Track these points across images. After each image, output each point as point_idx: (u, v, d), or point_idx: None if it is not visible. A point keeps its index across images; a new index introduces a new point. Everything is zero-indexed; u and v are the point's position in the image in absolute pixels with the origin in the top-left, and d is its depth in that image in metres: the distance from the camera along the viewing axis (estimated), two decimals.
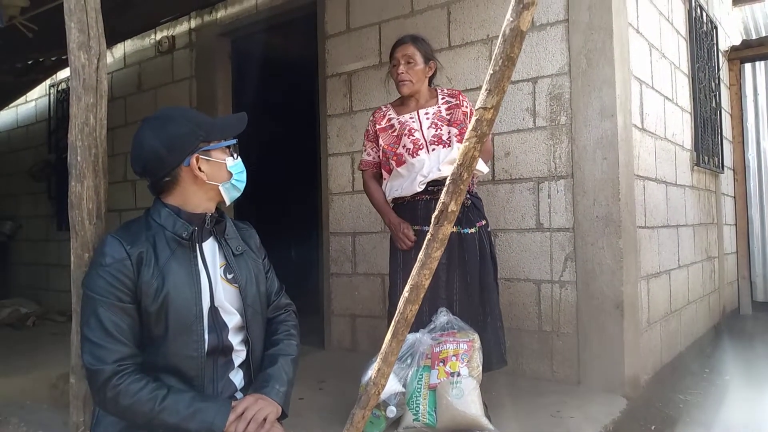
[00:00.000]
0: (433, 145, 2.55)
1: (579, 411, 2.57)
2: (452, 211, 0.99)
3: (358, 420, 1.21)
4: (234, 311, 1.62)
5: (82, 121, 1.59)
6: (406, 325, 1.09)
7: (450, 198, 0.99)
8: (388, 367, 1.14)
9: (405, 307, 1.06)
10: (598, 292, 2.85)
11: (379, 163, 2.70)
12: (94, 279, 1.47)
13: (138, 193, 5.22)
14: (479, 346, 2.38)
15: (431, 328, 2.48)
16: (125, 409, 1.42)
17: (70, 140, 1.60)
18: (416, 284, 1.05)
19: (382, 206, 2.68)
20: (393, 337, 1.10)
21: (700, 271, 4.25)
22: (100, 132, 1.63)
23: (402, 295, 1.08)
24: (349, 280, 3.80)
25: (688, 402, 3.08)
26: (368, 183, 2.75)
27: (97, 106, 1.61)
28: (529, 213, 3.10)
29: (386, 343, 1.12)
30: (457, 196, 1.00)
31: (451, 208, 0.99)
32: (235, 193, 1.67)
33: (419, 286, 1.06)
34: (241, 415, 1.47)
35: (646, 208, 3.21)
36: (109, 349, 1.43)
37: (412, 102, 2.64)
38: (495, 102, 0.96)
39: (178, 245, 1.56)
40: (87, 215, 1.60)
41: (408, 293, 1.06)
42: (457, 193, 0.99)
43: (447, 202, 0.99)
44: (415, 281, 1.05)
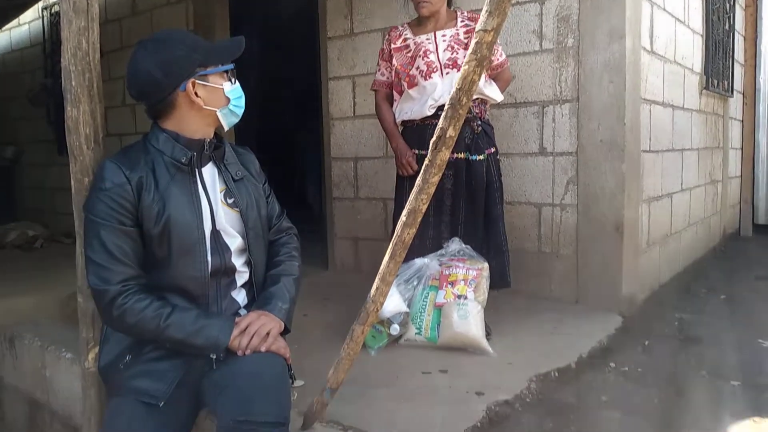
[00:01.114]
0: (447, 69, 2.48)
1: (575, 328, 2.65)
2: (450, 137, 0.98)
3: (357, 335, 1.25)
4: (236, 234, 1.64)
5: (74, 45, 1.55)
6: (403, 247, 1.11)
7: (448, 123, 0.98)
8: (386, 286, 1.17)
9: (402, 230, 1.08)
10: (599, 215, 2.87)
11: (392, 84, 2.65)
12: (94, 203, 1.49)
13: (138, 117, 5.17)
14: (487, 275, 2.43)
15: (441, 254, 2.52)
16: (131, 327, 1.47)
17: (63, 65, 1.57)
18: (413, 209, 1.06)
19: (391, 129, 2.65)
20: (391, 259, 1.12)
21: (702, 194, 4.25)
22: (93, 56, 1.59)
23: (399, 219, 1.09)
24: (351, 205, 3.83)
25: (683, 320, 3.15)
26: (380, 104, 2.70)
27: (88, 29, 1.57)
28: (532, 137, 3.08)
29: (384, 264, 1.14)
30: (455, 122, 0.98)
31: (450, 133, 0.98)
32: (234, 118, 1.66)
33: (416, 211, 1.06)
34: (244, 330, 1.52)
35: (651, 132, 3.17)
36: (113, 270, 1.46)
37: (430, 23, 2.55)
38: (495, 24, 0.93)
39: (177, 170, 1.56)
40: (84, 140, 1.59)
41: (405, 217, 1.07)
42: (456, 118, 0.98)
43: (445, 127, 0.98)
44: (413, 206, 1.05)
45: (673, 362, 2.53)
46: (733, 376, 2.38)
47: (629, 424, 1.96)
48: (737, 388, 2.28)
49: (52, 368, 2.16)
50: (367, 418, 1.75)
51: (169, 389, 1.46)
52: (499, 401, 1.91)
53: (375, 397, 1.92)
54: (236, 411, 1.29)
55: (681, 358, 2.57)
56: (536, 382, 2.09)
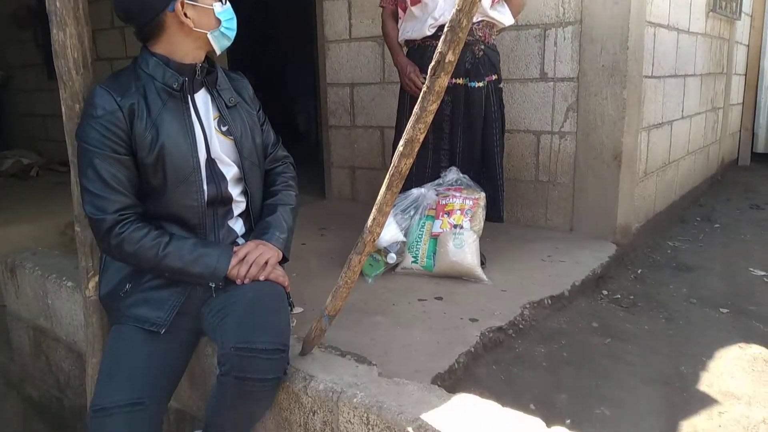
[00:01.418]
0: None
1: (569, 256, 2.68)
2: (449, 62, 0.94)
3: (354, 264, 1.26)
4: (231, 163, 1.63)
5: None
6: (400, 178, 1.10)
7: (448, 47, 0.94)
8: (383, 217, 1.16)
9: (399, 160, 1.06)
10: (598, 143, 2.84)
11: (398, 1, 2.54)
12: (86, 131, 1.46)
13: (128, 41, 5.01)
14: (484, 204, 2.42)
15: (438, 183, 2.50)
16: (130, 256, 1.48)
17: None
18: (411, 138, 1.03)
19: (393, 47, 2.56)
20: (387, 189, 1.11)
21: (703, 121, 4.20)
22: None
23: (396, 149, 1.07)
24: (348, 133, 3.78)
25: (676, 248, 3.19)
26: (385, 21, 2.61)
27: None
28: (533, 62, 3.00)
29: (381, 194, 1.13)
30: (455, 45, 0.94)
31: (449, 58, 0.94)
32: (225, 41, 1.61)
33: (414, 140, 1.04)
34: (242, 259, 1.54)
35: (654, 57, 3.09)
36: (109, 199, 1.45)
37: None
38: None
39: (169, 96, 1.53)
40: (73, 65, 1.55)
41: (402, 147, 1.05)
42: (456, 41, 0.94)
43: (444, 51, 0.94)
44: (410, 135, 1.03)
45: (665, 290, 2.57)
46: (723, 304, 2.44)
47: (618, 349, 2.02)
48: (726, 316, 2.33)
49: (54, 296, 2.19)
50: (364, 344, 1.79)
51: (169, 317, 1.49)
52: (492, 327, 1.95)
53: (371, 323, 1.96)
54: (236, 338, 1.32)
55: (672, 286, 2.62)
56: (529, 309, 2.13)
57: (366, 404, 1.28)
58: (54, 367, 2.34)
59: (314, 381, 1.40)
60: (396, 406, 1.25)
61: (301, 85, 6.49)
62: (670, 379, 1.86)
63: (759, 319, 2.31)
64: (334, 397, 1.33)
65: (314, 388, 1.38)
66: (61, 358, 2.28)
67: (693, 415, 1.70)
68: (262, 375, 1.31)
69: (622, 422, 1.63)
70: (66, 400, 2.34)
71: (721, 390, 1.82)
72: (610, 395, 1.75)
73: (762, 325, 2.27)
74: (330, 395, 1.35)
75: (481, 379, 1.77)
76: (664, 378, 1.87)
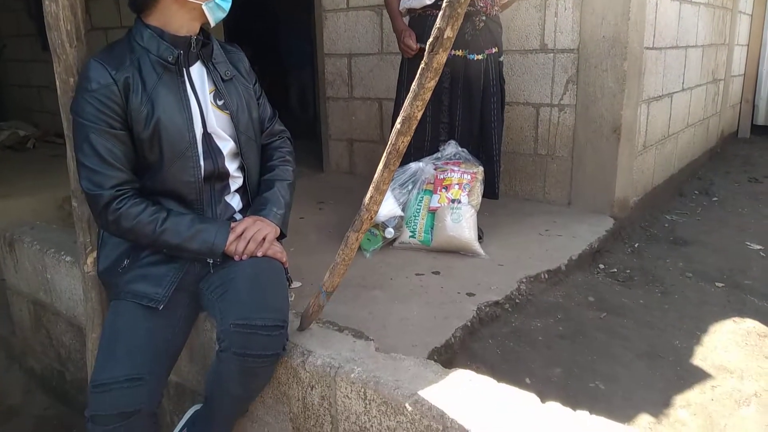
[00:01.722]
0: None
1: (567, 230, 2.68)
2: (448, 38, 0.93)
3: (352, 242, 1.26)
4: (227, 137, 1.62)
5: None
6: (397, 156, 1.09)
7: (446, 23, 0.92)
8: (380, 195, 1.16)
9: (397, 138, 1.05)
10: (597, 116, 2.82)
11: None
12: (81, 105, 1.45)
13: (123, 9, 4.92)
14: (482, 179, 2.42)
15: (436, 157, 2.49)
16: (127, 231, 1.48)
17: None
18: (408, 115, 1.02)
19: (393, 12, 2.52)
20: (385, 167, 1.11)
21: (703, 93, 4.16)
22: None
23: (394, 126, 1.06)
24: (345, 105, 3.74)
25: (674, 222, 3.20)
26: None
27: None
28: (534, 33, 2.96)
29: (378, 172, 1.13)
30: (453, 21, 0.93)
31: (447, 34, 0.92)
32: (220, 13, 1.58)
33: (411, 117, 1.03)
34: (240, 235, 1.54)
35: (656, 28, 3.05)
36: (105, 174, 1.45)
37: None
38: None
39: (164, 70, 1.51)
40: (66, 37, 1.52)
41: (400, 125, 1.03)
42: (454, 17, 0.92)
43: (443, 27, 0.92)
44: (408, 112, 1.02)
45: (661, 264, 2.58)
46: (718, 278, 2.45)
47: (613, 324, 2.04)
48: (721, 290, 2.35)
49: (53, 271, 2.20)
50: (361, 318, 1.81)
51: (168, 293, 1.49)
52: (489, 302, 1.96)
53: (369, 297, 1.97)
54: (235, 315, 1.32)
55: (669, 260, 2.63)
56: (526, 284, 2.14)
57: (363, 379, 1.29)
58: (55, 341, 2.36)
59: (312, 356, 1.41)
60: (393, 381, 1.27)
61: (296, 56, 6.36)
62: (664, 353, 1.88)
63: (754, 294, 2.32)
64: (332, 372, 1.35)
65: (312, 363, 1.40)
66: (61, 332, 2.30)
67: (686, 389, 1.72)
68: (262, 351, 1.33)
69: (616, 396, 1.66)
70: (67, 373, 2.36)
71: (714, 364, 1.84)
72: (605, 370, 1.78)
73: (757, 299, 2.29)
74: (328, 370, 1.36)
75: (478, 353, 1.79)
76: (659, 352, 1.89)
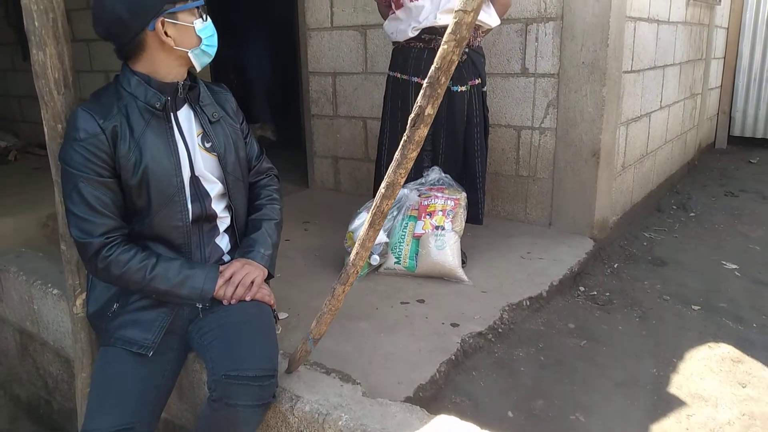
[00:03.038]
0: None
1: (548, 253, 2.74)
2: (429, 115, 0.97)
3: (338, 294, 1.29)
4: (215, 180, 1.64)
5: None
6: (382, 217, 1.13)
7: (427, 102, 0.96)
8: (365, 251, 1.20)
9: (381, 201, 1.09)
10: (577, 140, 2.88)
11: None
12: (70, 154, 1.46)
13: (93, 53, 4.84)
14: (465, 204, 2.46)
15: (420, 182, 2.53)
16: (117, 278, 1.50)
17: (23, 3, 1.49)
18: (392, 182, 1.06)
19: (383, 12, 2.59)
20: (370, 227, 1.14)
21: (681, 109, 4.25)
22: None
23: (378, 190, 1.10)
24: (330, 122, 3.77)
25: (652, 239, 3.27)
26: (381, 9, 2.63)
27: None
28: (515, 57, 3.01)
29: (363, 231, 1.16)
30: (434, 100, 0.97)
31: (428, 111, 0.97)
32: (206, 58, 1.60)
33: (395, 184, 1.07)
34: (229, 279, 1.57)
35: (634, 51, 3.12)
36: (94, 222, 1.47)
37: None
38: (476, 5, 0.90)
39: (152, 116, 1.53)
40: (54, 85, 1.54)
41: (384, 189, 1.08)
42: (434, 96, 0.97)
43: (423, 105, 0.97)
44: (391, 179, 1.06)
45: (639, 287, 2.65)
46: (695, 301, 2.53)
47: (593, 352, 2.10)
48: (697, 313, 2.42)
49: (40, 302, 2.21)
50: (347, 353, 1.84)
51: (157, 338, 1.52)
52: (473, 333, 2.01)
53: (355, 330, 2.01)
54: (226, 366, 1.35)
55: (647, 282, 2.70)
56: (508, 312, 2.19)
57: (351, 427, 1.33)
58: (42, 371, 2.37)
59: (300, 402, 1.45)
60: (379, 429, 1.31)
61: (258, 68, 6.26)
62: (641, 382, 1.95)
63: (728, 317, 2.40)
64: (320, 419, 1.38)
65: (300, 409, 1.43)
66: (48, 362, 2.31)
67: (663, 418, 1.79)
68: (253, 402, 1.36)
69: (596, 428, 1.71)
70: (54, 402, 2.37)
71: (690, 392, 1.91)
72: (585, 400, 1.83)
73: (731, 322, 2.36)
74: (316, 417, 1.40)
75: (462, 386, 1.84)
76: (637, 380, 1.95)
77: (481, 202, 2.60)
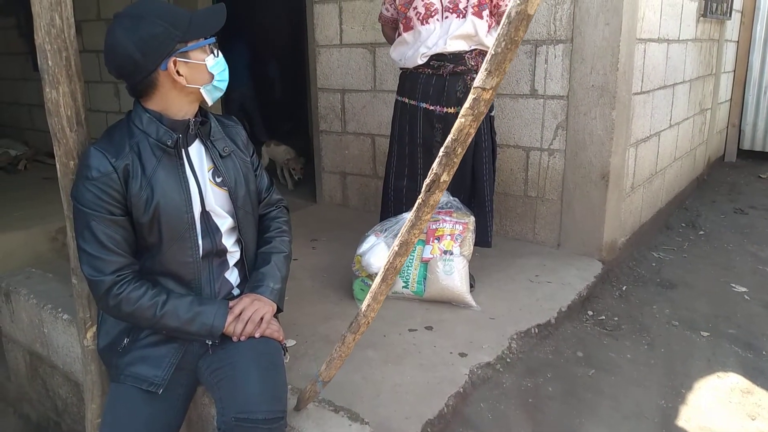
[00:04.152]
0: (447, 12, 2.36)
1: (556, 275, 2.73)
2: (444, 182, 0.98)
3: (349, 342, 1.30)
4: (225, 214, 1.65)
5: (48, 22, 1.47)
6: (394, 272, 1.14)
7: (442, 170, 0.98)
8: (378, 304, 1.21)
9: (395, 258, 1.10)
10: (586, 162, 2.88)
11: (397, 20, 2.55)
12: (82, 192, 1.47)
13: None
14: (473, 228, 2.46)
15: None
16: (128, 315, 1.51)
17: (37, 43, 1.50)
18: (405, 241, 1.08)
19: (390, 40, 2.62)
20: (383, 281, 1.15)
21: (690, 126, 4.24)
22: (68, 32, 1.51)
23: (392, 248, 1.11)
24: (339, 139, 3.78)
25: (661, 260, 3.26)
26: (386, 32, 2.67)
27: (61, 4, 1.48)
28: (524, 78, 3.01)
29: (376, 284, 1.17)
30: (449, 168, 0.98)
31: (443, 178, 0.98)
32: (218, 93, 1.61)
33: (408, 243, 1.08)
34: (238, 315, 1.58)
35: (644, 72, 3.11)
36: (106, 260, 1.48)
37: None
38: (494, 84, 0.91)
39: (163, 153, 1.54)
40: (66, 123, 1.55)
41: (398, 248, 1.09)
42: (450, 165, 0.98)
43: (439, 173, 0.98)
44: (405, 238, 1.07)
45: (648, 311, 2.64)
46: (704, 327, 2.52)
47: (601, 382, 2.09)
48: (706, 340, 2.41)
49: (50, 326, 2.22)
50: (355, 384, 1.85)
51: (167, 375, 1.53)
52: (481, 363, 2.01)
53: (363, 359, 2.01)
54: (236, 408, 1.36)
55: (655, 306, 2.69)
56: (517, 340, 2.19)
57: None
58: (51, 392, 2.39)
59: None
60: None
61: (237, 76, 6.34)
62: (650, 414, 1.94)
63: (737, 343, 2.39)
64: None
65: None
66: (58, 384, 2.32)
67: None
68: None
69: None
70: (63, 424, 2.39)
71: (698, 425, 1.90)
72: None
73: (740, 350, 2.35)
74: None
75: (470, 418, 1.84)
76: (645, 413, 1.94)
77: (490, 225, 2.60)
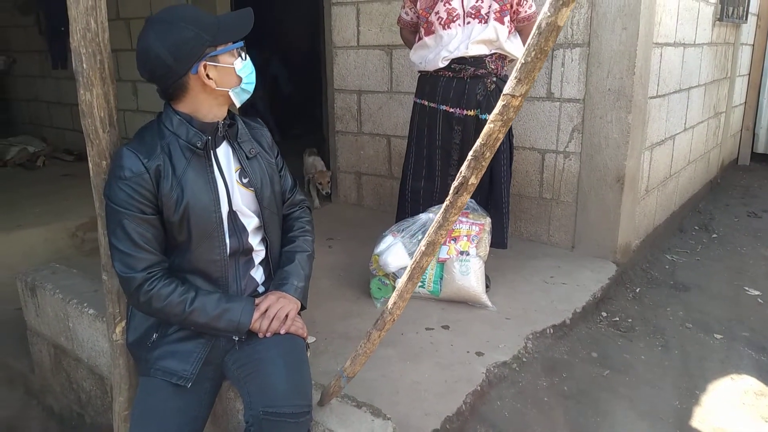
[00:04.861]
0: (469, 18, 2.39)
1: (570, 277, 2.76)
2: (472, 184, 1.02)
3: (374, 339, 1.34)
4: (252, 214, 1.69)
5: (83, 26, 1.51)
6: (420, 271, 1.18)
7: (471, 173, 1.01)
8: (403, 302, 1.25)
9: (421, 258, 1.14)
10: (602, 165, 2.90)
11: (416, 24, 2.58)
12: (115, 191, 1.52)
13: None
14: (489, 229, 2.50)
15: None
16: (158, 311, 1.55)
17: (72, 46, 1.54)
18: (432, 241, 1.11)
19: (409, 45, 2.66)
20: (409, 280, 1.19)
21: (705, 129, 4.25)
22: (102, 36, 1.55)
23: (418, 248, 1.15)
24: (354, 139, 3.83)
25: (674, 262, 3.28)
26: (405, 35, 2.69)
27: (96, 8, 1.52)
28: (540, 81, 3.04)
29: (402, 282, 1.21)
30: (477, 171, 1.02)
31: (471, 181, 1.02)
32: (245, 95, 1.65)
33: (435, 243, 1.12)
34: (264, 312, 1.62)
35: (660, 76, 3.13)
36: (137, 258, 1.52)
37: None
38: (524, 91, 0.94)
39: (192, 154, 1.58)
40: (100, 124, 1.59)
41: (425, 247, 1.13)
42: (478, 168, 1.02)
43: (467, 176, 1.02)
44: (432, 239, 1.11)
45: (662, 313, 2.67)
46: (717, 329, 2.54)
47: (616, 382, 2.12)
48: (720, 342, 2.44)
49: (75, 321, 2.28)
50: (375, 381, 1.89)
51: (195, 369, 1.57)
52: (497, 362, 2.05)
53: (382, 357, 2.05)
54: (263, 402, 1.40)
55: (669, 308, 2.72)
56: (532, 340, 2.22)
57: None
58: (75, 385, 2.44)
59: None
60: None
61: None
62: (665, 415, 1.97)
63: (751, 346, 2.41)
64: None
65: None
66: (82, 377, 2.38)
67: None
68: None
69: None
70: (87, 416, 2.44)
71: (712, 427, 1.93)
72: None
73: (754, 352, 2.37)
74: None
75: (487, 416, 1.88)
76: (660, 413, 1.97)
77: (506, 227, 2.64)
